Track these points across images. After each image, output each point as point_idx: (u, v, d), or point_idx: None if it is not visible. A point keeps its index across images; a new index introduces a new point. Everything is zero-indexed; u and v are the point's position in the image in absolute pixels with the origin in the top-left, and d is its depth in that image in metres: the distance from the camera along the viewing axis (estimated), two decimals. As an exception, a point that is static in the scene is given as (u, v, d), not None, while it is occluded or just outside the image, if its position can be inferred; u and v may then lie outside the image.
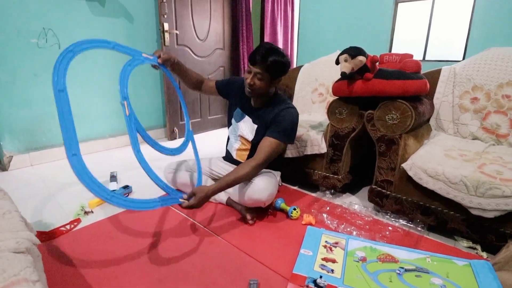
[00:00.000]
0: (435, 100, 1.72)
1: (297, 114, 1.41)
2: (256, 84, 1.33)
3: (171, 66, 1.44)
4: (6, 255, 0.60)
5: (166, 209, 1.51)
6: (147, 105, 2.84)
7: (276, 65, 1.30)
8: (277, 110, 1.39)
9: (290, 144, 1.45)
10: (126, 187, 1.68)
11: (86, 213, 1.45)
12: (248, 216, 1.38)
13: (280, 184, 1.67)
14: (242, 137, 1.53)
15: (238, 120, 1.54)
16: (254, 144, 1.46)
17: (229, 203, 1.51)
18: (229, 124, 1.63)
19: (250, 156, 1.50)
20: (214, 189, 1.21)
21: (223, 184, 1.23)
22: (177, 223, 1.39)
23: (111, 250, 1.18)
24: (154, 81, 2.84)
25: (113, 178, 1.81)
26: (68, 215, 1.44)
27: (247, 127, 1.50)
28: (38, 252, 0.75)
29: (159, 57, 1.39)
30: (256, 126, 1.47)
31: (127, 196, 1.65)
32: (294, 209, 1.42)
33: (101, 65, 2.43)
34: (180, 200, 1.17)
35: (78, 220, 1.38)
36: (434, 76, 1.74)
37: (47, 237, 1.24)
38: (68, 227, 1.33)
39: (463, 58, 2.71)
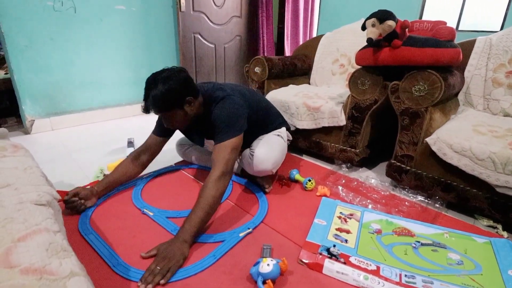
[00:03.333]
0: (466, 73, 1.61)
1: (228, 103, 1.17)
2: (174, 124, 1.17)
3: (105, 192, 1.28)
4: (27, 206, 0.62)
5: (183, 176, 1.53)
6: (163, 73, 2.81)
7: (164, 99, 1.06)
8: (212, 111, 1.18)
9: (243, 131, 1.18)
10: (142, 153, 1.70)
11: (105, 175, 1.49)
12: (266, 185, 1.37)
13: (290, 139, 1.57)
14: None
15: (202, 144, 1.43)
16: None
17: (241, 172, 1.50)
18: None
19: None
20: (186, 233, 0.96)
21: (194, 220, 0.98)
22: (192, 190, 1.40)
23: (129, 211, 1.21)
24: (170, 49, 2.78)
25: (130, 144, 1.84)
26: (88, 177, 1.49)
27: (211, 145, 1.35)
28: (59, 207, 0.77)
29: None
30: (212, 141, 1.24)
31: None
32: (309, 180, 1.40)
33: (117, 32, 2.39)
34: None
35: (97, 182, 1.42)
36: (467, 47, 1.61)
37: (68, 196, 1.29)
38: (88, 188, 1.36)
39: (501, 29, 2.49)
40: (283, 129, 1.48)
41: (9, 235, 0.54)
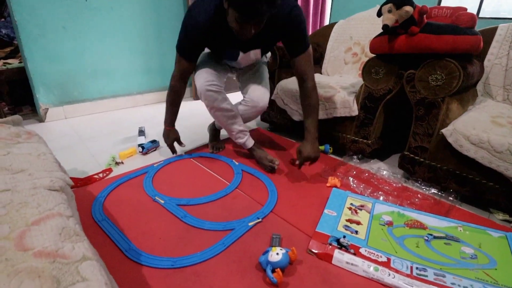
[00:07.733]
0: (486, 62, 1.54)
1: (301, 10, 1.23)
2: (256, 32, 1.13)
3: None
4: (41, 191, 0.63)
5: (194, 165, 1.54)
6: (172, 63, 2.79)
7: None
8: (282, 17, 1.18)
9: None
10: (153, 141, 1.71)
11: (117, 163, 1.51)
12: (273, 160, 1.46)
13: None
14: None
15: (236, 58, 1.37)
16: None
17: (253, 149, 1.56)
18: (221, 66, 1.48)
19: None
20: (314, 134, 1.33)
21: (314, 123, 1.34)
22: (202, 179, 1.41)
23: (140, 199, 1.23)
24: (180, 38, 2.77)
25: (141, 132, 1.85)
26: (100, 165, 1.51)
27: (249, 58, 1.39)
28: (72, 193, 0.79)
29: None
30: (259, 50, 1.38)
31: (155, 150, 1.70)
32: (330, 148, 1.53)
33: (128, 20, 2.38)
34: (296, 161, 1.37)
35: (109, 170, 1.45)
36: (488, 35, 1.54)
37: (82, 183, 1.31)
38: (101, 175, 1.39)
39: (524, 16, 2.36)
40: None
41: (23, 219, 0.55)
